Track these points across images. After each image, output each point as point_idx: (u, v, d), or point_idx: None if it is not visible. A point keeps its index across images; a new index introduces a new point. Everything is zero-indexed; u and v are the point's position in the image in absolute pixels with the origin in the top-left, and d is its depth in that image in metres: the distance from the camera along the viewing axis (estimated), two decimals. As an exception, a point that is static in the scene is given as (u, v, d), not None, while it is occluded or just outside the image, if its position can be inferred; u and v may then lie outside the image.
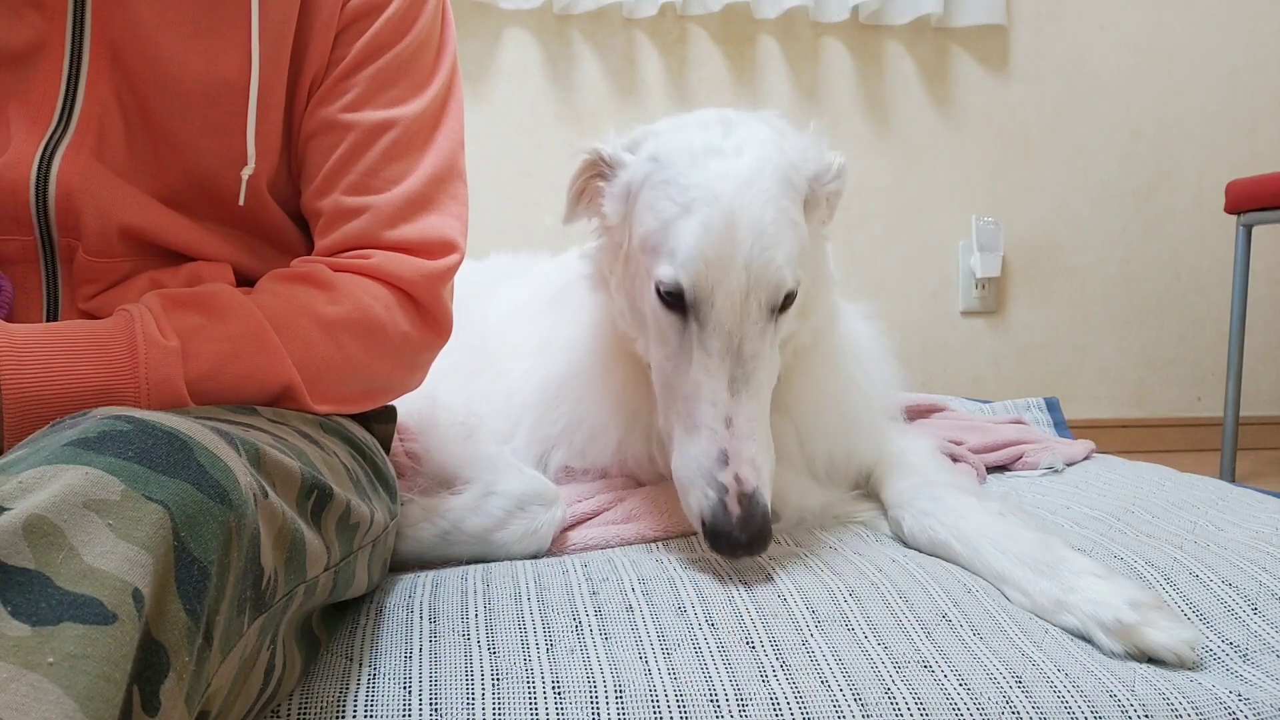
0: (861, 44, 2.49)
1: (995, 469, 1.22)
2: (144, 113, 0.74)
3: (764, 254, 0.81)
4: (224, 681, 0.47)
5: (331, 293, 0.74)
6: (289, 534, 0.54)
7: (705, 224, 0.81)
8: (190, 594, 0.43)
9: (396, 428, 0.98)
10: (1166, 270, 2.68)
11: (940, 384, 2.47)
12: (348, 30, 0.79)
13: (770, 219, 0.82)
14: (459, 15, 2.31)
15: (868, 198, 2.52)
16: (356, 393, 0.77)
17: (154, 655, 0.40)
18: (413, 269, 0.78)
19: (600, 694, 0.60)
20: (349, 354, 0.73)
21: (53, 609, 0.37)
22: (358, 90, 0.79)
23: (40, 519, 0.39)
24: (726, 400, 0.80)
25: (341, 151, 0.78)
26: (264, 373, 0.67)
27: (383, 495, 0.77)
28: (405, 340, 0.78)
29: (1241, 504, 0.98)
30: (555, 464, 1.00)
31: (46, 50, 0.71)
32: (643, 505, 0.92)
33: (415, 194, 0.79)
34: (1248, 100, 2.65)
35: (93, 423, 0.47)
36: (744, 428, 0.80)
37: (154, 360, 0.62)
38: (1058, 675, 0.63)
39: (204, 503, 0.45)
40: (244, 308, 0.69)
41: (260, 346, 0.68)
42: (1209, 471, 1.23)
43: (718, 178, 0.83)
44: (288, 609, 0.55)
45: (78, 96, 0.72)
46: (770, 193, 0.83)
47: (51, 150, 0.70)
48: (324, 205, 0.79)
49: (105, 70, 0.72)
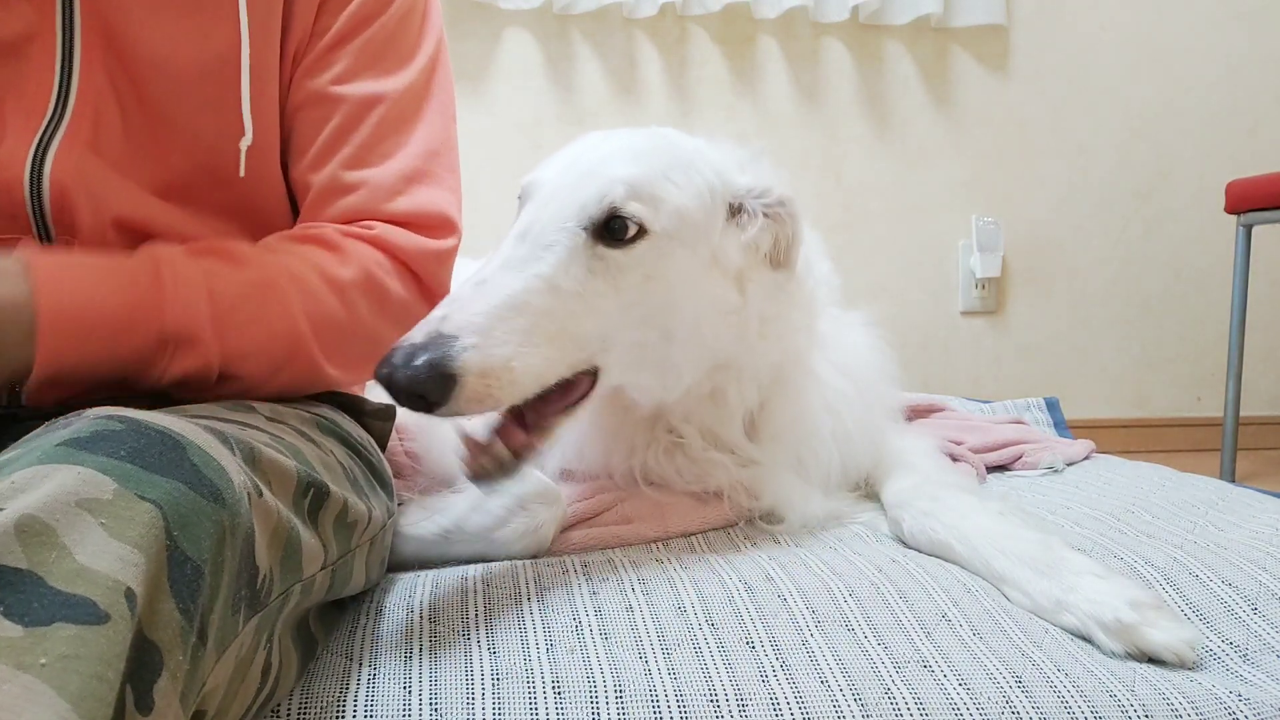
0: (861, 44, 2.49)
1: (995, 469, 1.22)
2: (140, 96, 0.74)
3: (598, 164, 0.81)
4: (220, 681, 0.47)
5: (340, 255, 0.75)
6: (284, 533, 0.54)
7: (560, 155, 0.84)
8: (184, 593, 0.43)
9: (396, 427, 0.98)
10: (1166, 270, 2.68)
11: (940, 384, 2.47)
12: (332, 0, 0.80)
13: (625, 157, 0.82)
14: (459, 15, 2.31)
15: (868, 198, 2.52)
16: (361, 356, 0.76)
17: (147, 654, 0.40)
18: (412, 243, 0.79)
19: (600, 694, 0.60)
20: (357, 313, 0.75)
21: (45, 609, 0.37)
22: (346, 62, 0.80)
23: (32, 518, 0.39)
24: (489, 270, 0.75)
25: (334, 125, 0.79)
26: (278, 319, 0.69)
27: (380, 493, 0.77)
28: (405, 309, 0.78)
29: (1241, 504, 0.98)
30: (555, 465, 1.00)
31: (38, 42, 0.71)
32: (643, 506, 0.92)
33: (410, 168, 0.81)
34: (1247, 100, 2.65)
35: (85, 422, 0.47)
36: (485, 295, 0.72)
37: (178, 287, 0.64)
38: (1058, 675, 0.63)
39: (197, 502, 0.45)
40: (260, 259, 0.71)
41: (276, 296, 0.69)
42: (1209, 471, 1.23)
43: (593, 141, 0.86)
44: (284, 608, 0.55)
45: (71, 86, 0.72)
46: (637, 149, 0.83)
47: (46, 144, 0.70)
48: (318, 179, 0.79)
49: (98, 57, 0.72)
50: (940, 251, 2.59)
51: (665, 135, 0.89)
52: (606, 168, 0.80)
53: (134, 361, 0.64)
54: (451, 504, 0.86)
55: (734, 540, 0.89)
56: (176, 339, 0.64)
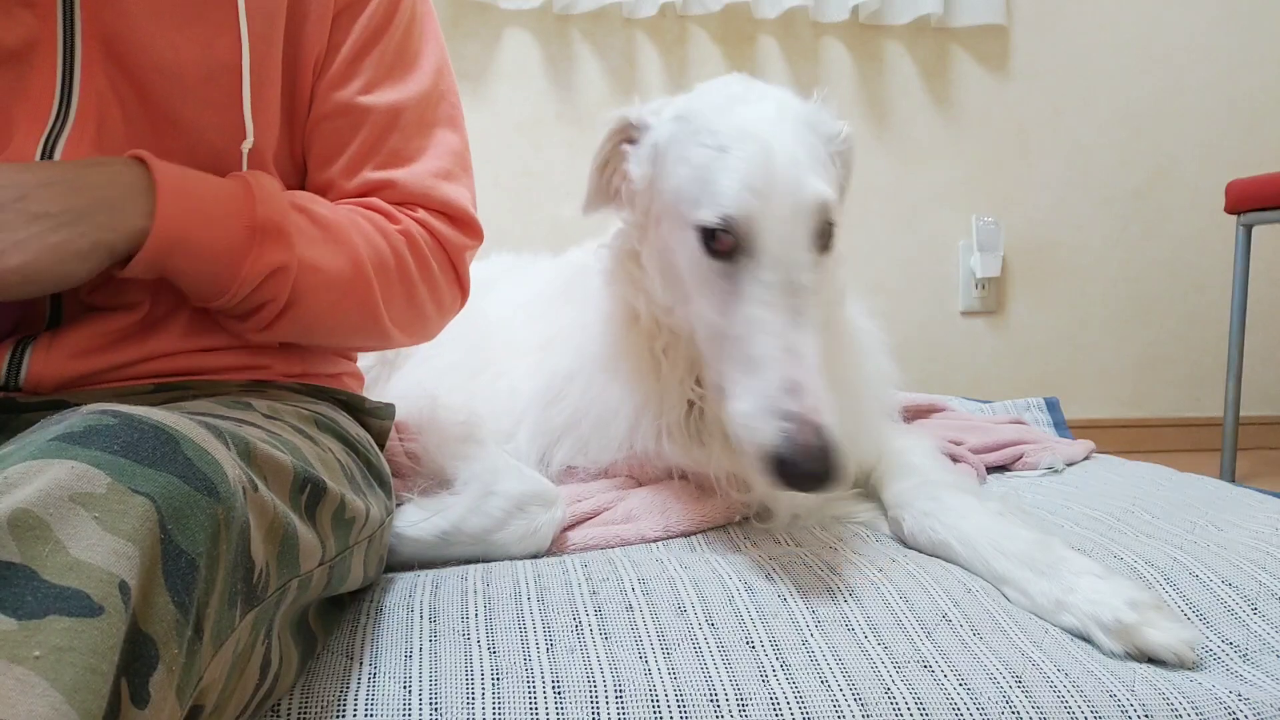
0: (861, 44, 2.49)
1: (995, 469, 1.22)
2: (143, 99, 0.75)
3: (803, 178, 0.82)
4: (217, 675, 0.47)
5: (393, 219, 0.82)
6: (280, 527, 0.54)
7: (745, 158, 0.82)
8: (178, 586, 0.43)
9: (396, 426, 0.98)
10: (1166, 270, 2.68)
11: (940, 384, 2.47)
12: (344, 14, 0.82)
13: (804, 150, 0.84)
14: (459, 15, 2.31)
15: (868, 198, 2.52)
16: (402, 311, 0.83)
17: (142, 647, 0.40)
18: (448, 230, 0.86)
19: (600, 694, 0.60)
20: (406, 267, 0.81)
21: (39, 602, 0.38)
22: (369, 74, 0.84)
23: (25, 513, 0.40)
24: (788, 331, 0.77)
25: (366, 134, 0.83)
26: (344, 245, 0.76)
27: (378, 491, 0.78)
28: (439, 284, 0.86)
29: (1241, 504, 0.98)
30: (558, 462, 1.00)
31: (41, 48, 0.72)
32: (643, 505, 0.92)
33: (438, 168, 0.86)
34: (1247, 99, 2.65)
35: (78, 418, 0.47)
36: (810, 359, 0.76)
37: (264, 192, 0.71)
38: (1058, 675, 0.63)
39: (191, 495, 0.45)
40: (328, 205, 0.78)
41: (341, 227, 0.76)
42: (1209, 471, 1.23)
43: (749, 120, 0.85)
44: (281, 603, 0.55)
45: (73, 91, 0.73)
46: (799, 130, 0.85)
47: (51, 146, 0.71)
48: (351, 183, 0.84)
49: (99, 63, 0.73)
50: (940, 251, 2.59)
51: (797, 111, 0.90)
52: (805, 185, 0.82)
53: (228, 249, 0.69)
54: (450, 505, 0.86)
55: (734, 540, 0.89)
56: (264, 230, 0.70)
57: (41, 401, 0.68)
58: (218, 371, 0.76)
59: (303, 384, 0.82)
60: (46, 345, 0.70)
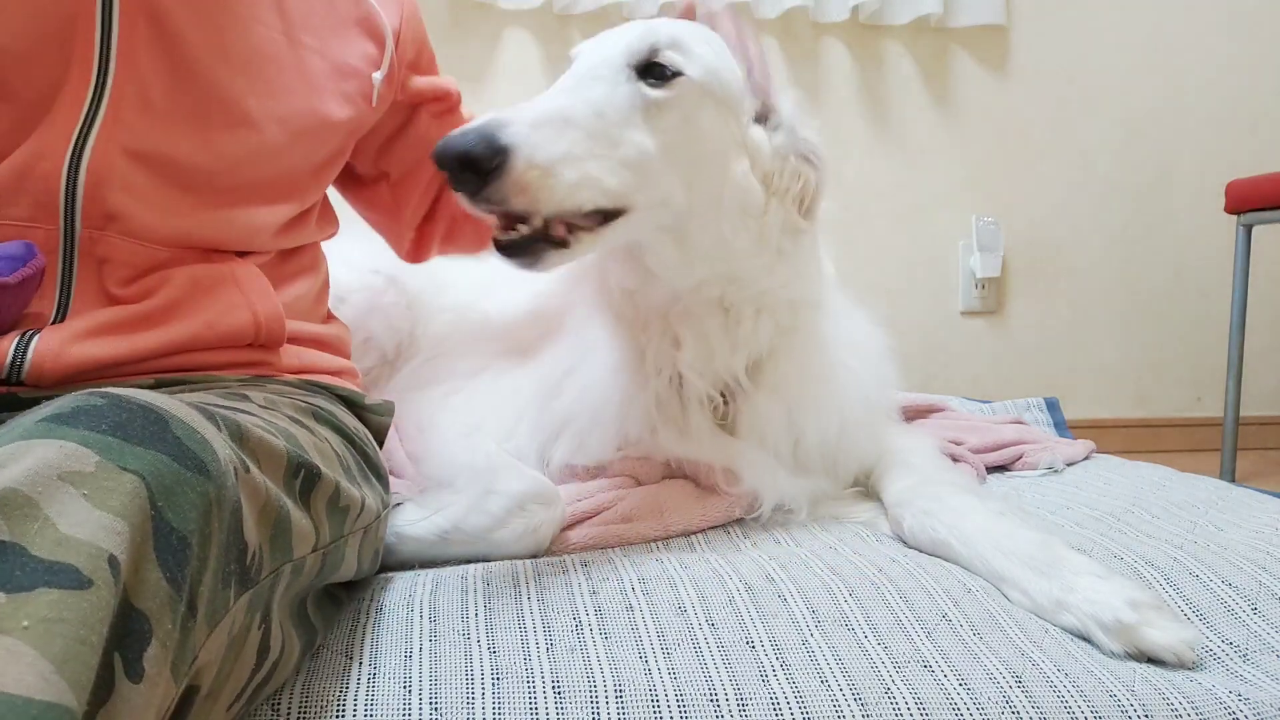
0: (861, 44, 2.49)
1: (995, 469, 1.22)
2: (189, 76, 0.76)
3: (642, 23, 0.87)
4: (213, 656, 0.47)
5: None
6: (274, 510, 0.54)
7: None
8: (170, 563, 0.43)
9: (395, 424, 0.98)
10: (1166, 270, 2.68)
11: (940, 384, 2.47)
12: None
13: (665, 22, 0.88)
14: (459, 15, 2.31)
15: (868, 198, 2.52)
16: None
17: (135, 623, 0.40)
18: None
19: (600, 694, 0.60)
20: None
21: (28, 576, 0.38)
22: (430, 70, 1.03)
23: (13, 492, 0.40)
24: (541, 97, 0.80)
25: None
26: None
27: (375, 484, 0.78)
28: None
29: (1241, 504, 0.98)
30: (557, 460, 1.00)
31: (80, 26, 0.72)
32: (643, 505, 0.92)
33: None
34: (1247, 100, 2.65)
35: (67, 399, 0.47)
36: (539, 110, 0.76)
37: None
38: (1058, 675, 0.63)
39: (181, 473, 0.45)
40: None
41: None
42: (1209, 471, 1.23)
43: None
44: (275, 587, 0.55)
45: (109, 73, 0.72)
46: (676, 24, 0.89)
47: (85, 134, 0.71)
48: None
49: (142, 41, 0.73)
50: (940, 251, 2.59)
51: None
52: (649, 24, 0.87)
53: None
54: (450, 504, 0.86)
55: (734, 540, 0.89)
56: None
57: (43, 397, 0.69)
58: (220, 368, 0.76)
59: (302, 380, 0.82)
60: (52, 337, 0.70)
